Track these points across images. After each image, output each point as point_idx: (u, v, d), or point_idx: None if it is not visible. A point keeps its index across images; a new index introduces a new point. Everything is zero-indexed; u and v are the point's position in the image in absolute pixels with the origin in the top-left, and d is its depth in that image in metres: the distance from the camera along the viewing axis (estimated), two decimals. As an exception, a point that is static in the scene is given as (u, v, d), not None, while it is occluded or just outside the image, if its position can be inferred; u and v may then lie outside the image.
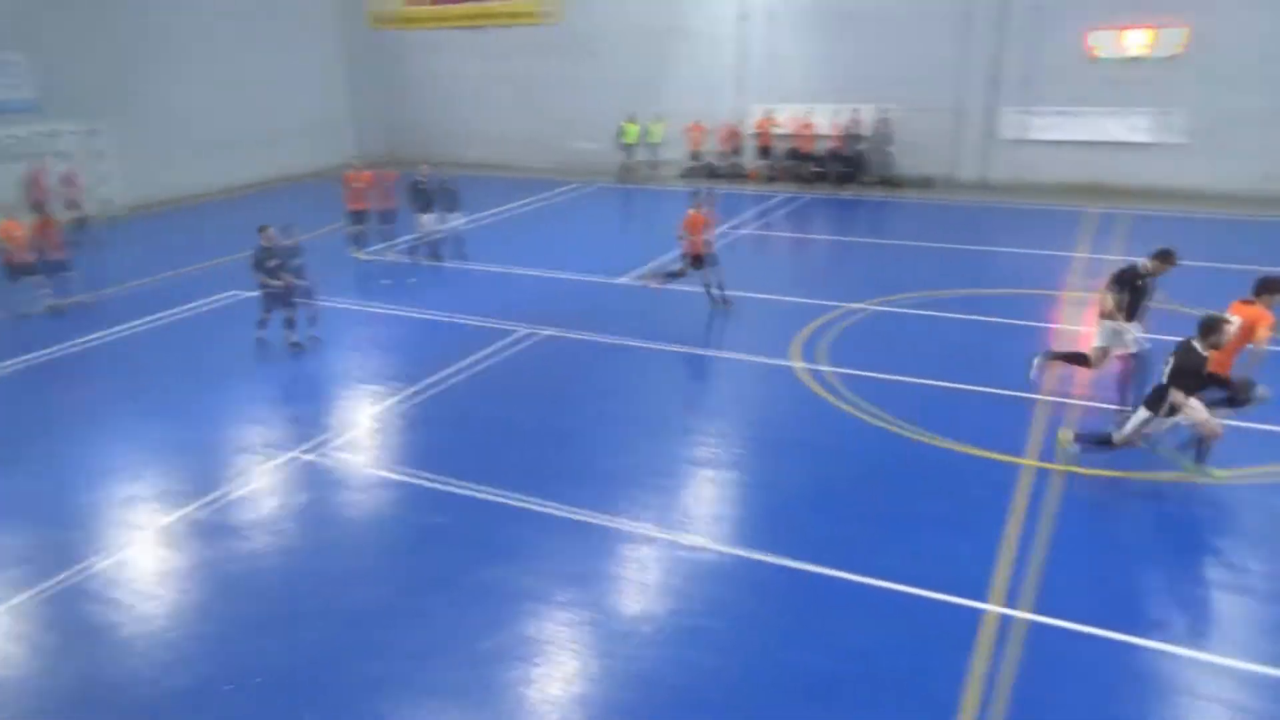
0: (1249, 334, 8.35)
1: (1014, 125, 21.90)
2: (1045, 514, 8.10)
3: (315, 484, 9.04)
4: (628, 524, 8.14)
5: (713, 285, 14.01)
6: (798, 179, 23.69)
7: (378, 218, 17.52)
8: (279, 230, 12.81)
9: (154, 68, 22.92)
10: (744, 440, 9.81)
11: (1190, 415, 7.94)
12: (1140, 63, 20.41)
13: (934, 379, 11.06)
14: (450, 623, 6.85)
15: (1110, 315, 9.50)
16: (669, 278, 14.26)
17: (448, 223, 17.28)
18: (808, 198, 22.52)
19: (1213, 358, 8.00)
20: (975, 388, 10.82)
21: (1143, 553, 7.64)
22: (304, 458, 9.55)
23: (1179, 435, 8.74)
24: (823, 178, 23.35)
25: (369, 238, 17.67)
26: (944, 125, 22.36)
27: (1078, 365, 10.02)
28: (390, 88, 29.35)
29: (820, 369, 11.48)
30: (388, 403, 10.92)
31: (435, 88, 28.80)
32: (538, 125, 27.40)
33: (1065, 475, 8.71)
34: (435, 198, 17.01)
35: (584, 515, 8.27)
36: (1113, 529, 7.94)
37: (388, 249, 17.66)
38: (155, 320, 14.20)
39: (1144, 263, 9.46)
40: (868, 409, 10.27)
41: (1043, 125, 21.62)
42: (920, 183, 22.68)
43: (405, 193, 17.13)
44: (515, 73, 27.26)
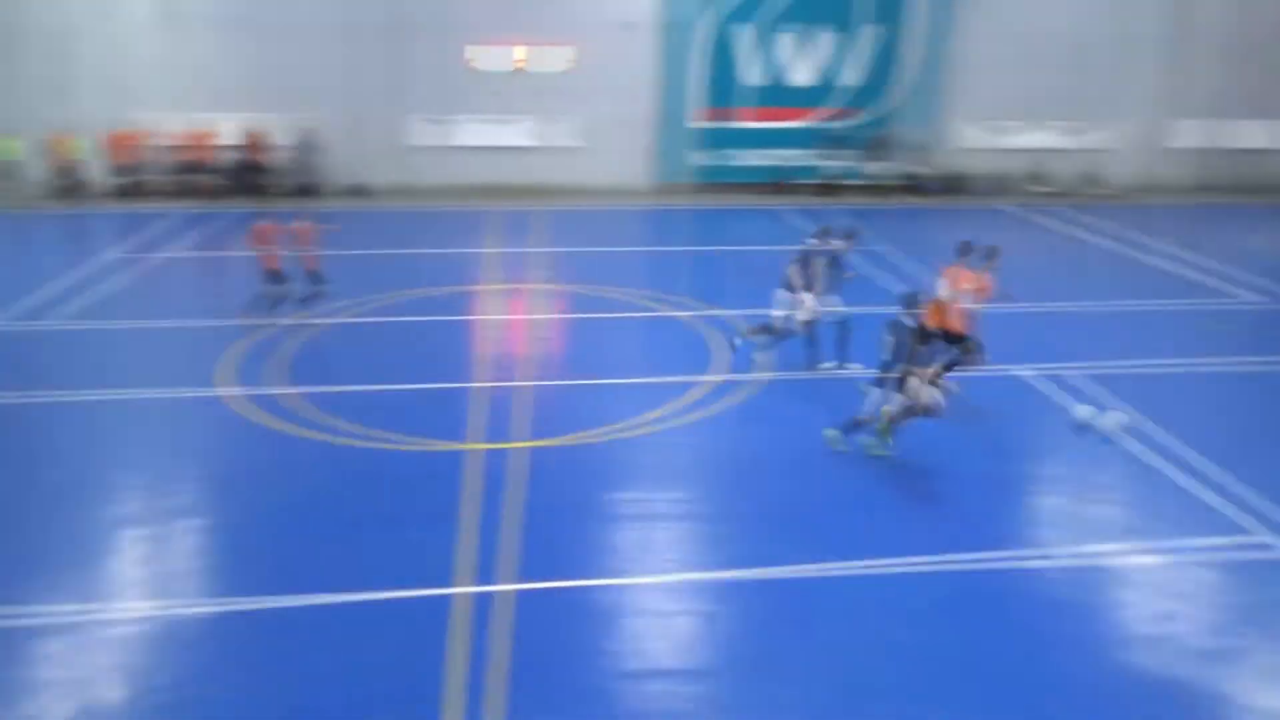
0: (963, 282, 10.35)
1: (423, 133, 22.93)
2: (509, 489, 8.62)
3: None
4: (39, 611, 6.72)
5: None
6: (195, 193, 21.77)
7: None
8: None
9: None
10: (180, 485, 8.76)
11: (913, 390, 8.92)
12: (520, 76, 22.79)
13: (379, 384, 11.08)
14: None
15: (793, 288, 11.03)
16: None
17: None
18: (210, 212, 20.82)
19: (943, 319, 9.76)
20: (419, 385, 11.10)
21: (588, 508, 8.54)
22: None
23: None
24: (230, 190, 21.84)
25: None
26: (362, 134, 22.47)
27: (769, 335, 11.43)
28: None
29: (257, 391, 10.75)
30: None
31: None
32: None
33: (526, 451, 9.38)
34: None
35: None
36: (569, 490, 8.73)
37: None
38: None
39: (813, 241, 11.34)
40: (315, 424, 9.90)
41: (448, 133, 23.00)
42: (352, 191, 22.51)
43: None
44: None
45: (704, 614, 6.99)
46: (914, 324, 9.03)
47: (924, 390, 8.99)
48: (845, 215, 20.84)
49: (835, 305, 11.49)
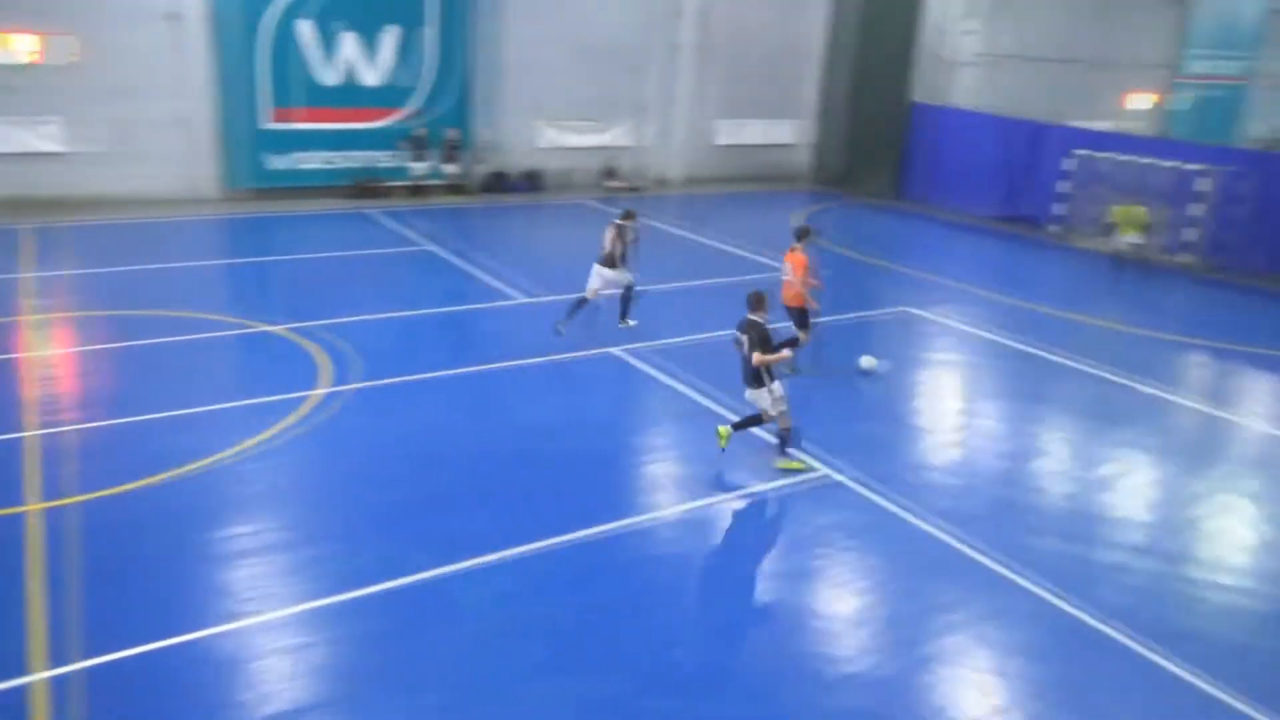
0: (799, 269, 11.86)
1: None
2: (82, 549, 7.44)
3: None
4: None
5: None
6: None
7: None
8: None
9: None
10: None
11: (772, 393, 9.22)
12: (38, 70, 19.52)
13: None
14: None
15: (610, 264, 12.88)
16: None
17: None
18: None
19: (789, 293, 11.81)
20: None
21: (186, 551, 7.68)
22: None
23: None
24: None
25: None
26: None
27: (580, 307, 12.92)
28: None
29: None
30: None
31: None
32: None
33: (81, 505, 8.13)
34: None
35: None
36: (155, 539, 7.75)
37: None
38: None
39: (619, 222, 12.93)
40: None
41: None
42: None
43: None
44: None
45: (331, 640, 6.68)
46: (764, 323, 9.27)
47: (779, 396, 9.30)
48: (437, 216, 20.99)
49: (630, 275, 13.29)
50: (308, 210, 21.04)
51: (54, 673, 6.08)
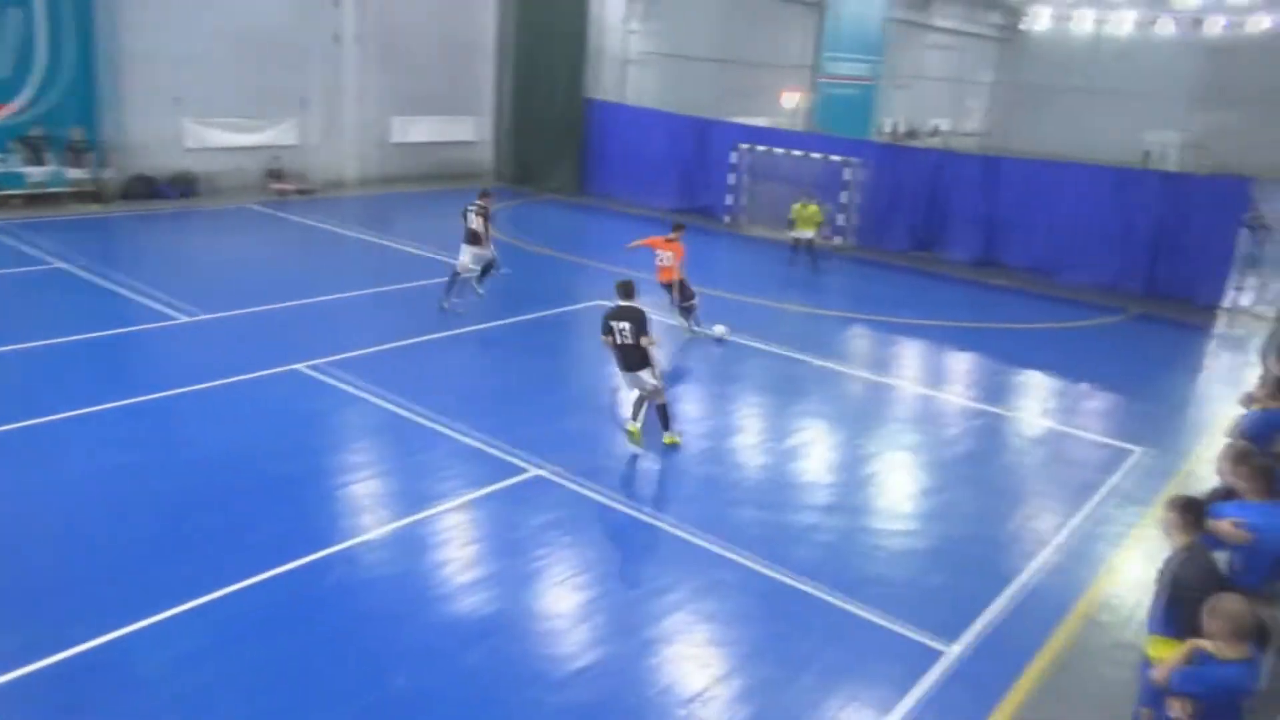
0: (679, 259, 14.52)
1: None
2: None
3: None
4: None
5: None
6: None
7: None
8: None
9: None
10: None
11: (654, 374, 10.08)
12: None
13: None
14: None
15: (476, 242, 14.75)
16: None
17: None
18: None
19: (664, 274, 14.46)
20: None
21: None
22: None
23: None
24: None
25: None
26: None
27: (455, 281, 14.77)
28: None
29: None
30: None
31: None
32: None
33: None
34: None
35: None
36: None
37: None
38: None
39: (480, 203, 14.86)
40: None
41: None
42: None
43: None
44: None
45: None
46: (640, 309, 10.07)
47: (660, 373, 10.32)
48: (66, 228, 18.54)
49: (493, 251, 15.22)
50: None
51: None
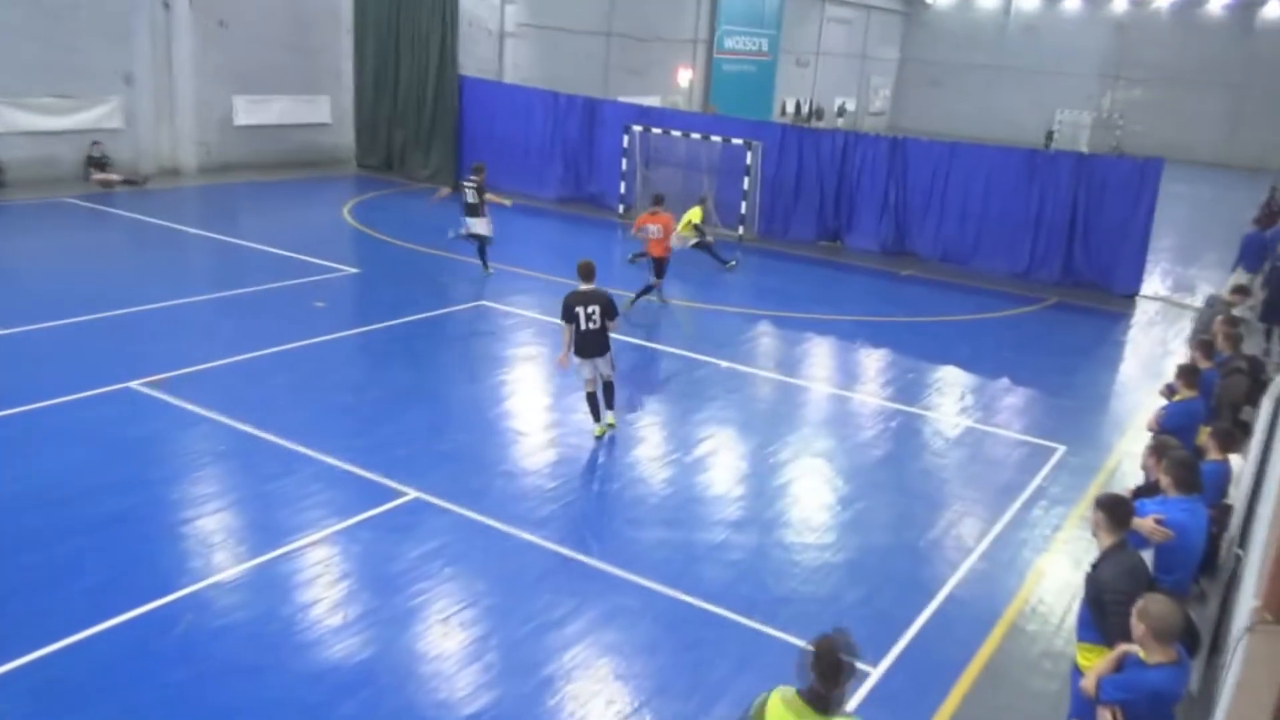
0: (668, 232, 16.57)
1: None
2: None
3: None
4: None
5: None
6: None
7: None
8: None
9: None
10: None
11: (611, 358, 11.22)
12: None
13: None
14: None
15: (475, 213, 17.45)
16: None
17: None
18: None
19: (656, 248, 16.45)
20: None
21: None
22: None
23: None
24: None
25: None
26: None
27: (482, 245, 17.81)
28: None
29: None
30: None
31: None
32: None
33: None
34: None
35: None
36: None
37: None
38: None
39: (474, 178, 17.53)
40: None
41: None
42: None
43: None
44: None
45: None
46: (605, 291, 11.02)
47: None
48: None
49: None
50: None
51: None
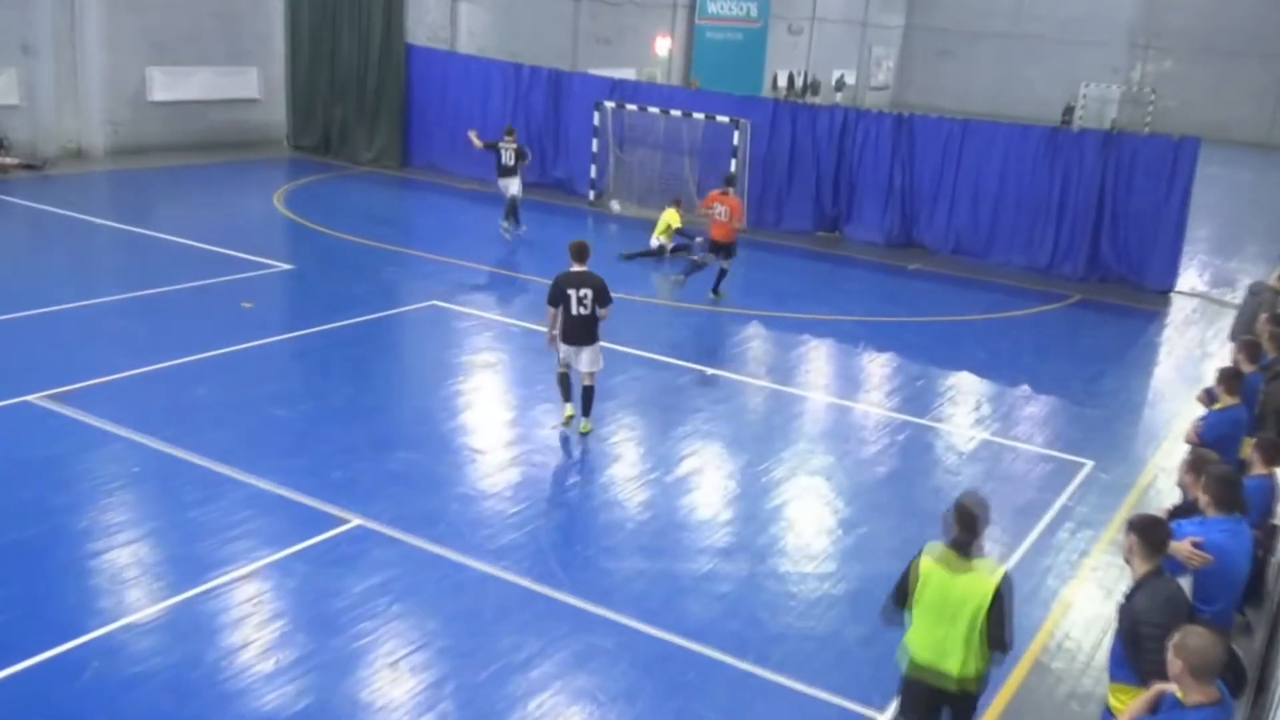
0: (735, 214, 17.23)
1: None
2: None
3: None
4: None
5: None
6: None
7: None
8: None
9: None
10: None
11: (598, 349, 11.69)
12: None
13: None
14: None
15: (509, 174, 20.00)
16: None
17: None
18: None
19: (720, 230, 17.07)
20: None
21: None
22: None
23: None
24: None
25: None
26: None
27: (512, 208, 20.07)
28: None
29: None
30: None
31: None
32: None
33: None
34: None
35: None
36: None
37: None
38: None
39: (507, 138, 19.94)
40: None
41: None
42: None
43: None
44: None
45: None
46: (599, 275, 11.27)
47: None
48: None
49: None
50: None
51: None
